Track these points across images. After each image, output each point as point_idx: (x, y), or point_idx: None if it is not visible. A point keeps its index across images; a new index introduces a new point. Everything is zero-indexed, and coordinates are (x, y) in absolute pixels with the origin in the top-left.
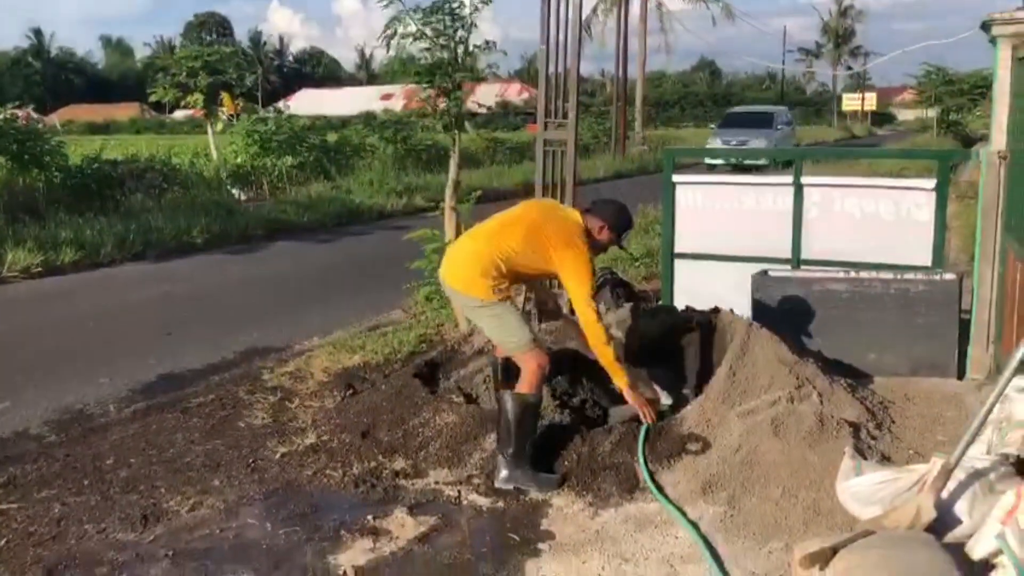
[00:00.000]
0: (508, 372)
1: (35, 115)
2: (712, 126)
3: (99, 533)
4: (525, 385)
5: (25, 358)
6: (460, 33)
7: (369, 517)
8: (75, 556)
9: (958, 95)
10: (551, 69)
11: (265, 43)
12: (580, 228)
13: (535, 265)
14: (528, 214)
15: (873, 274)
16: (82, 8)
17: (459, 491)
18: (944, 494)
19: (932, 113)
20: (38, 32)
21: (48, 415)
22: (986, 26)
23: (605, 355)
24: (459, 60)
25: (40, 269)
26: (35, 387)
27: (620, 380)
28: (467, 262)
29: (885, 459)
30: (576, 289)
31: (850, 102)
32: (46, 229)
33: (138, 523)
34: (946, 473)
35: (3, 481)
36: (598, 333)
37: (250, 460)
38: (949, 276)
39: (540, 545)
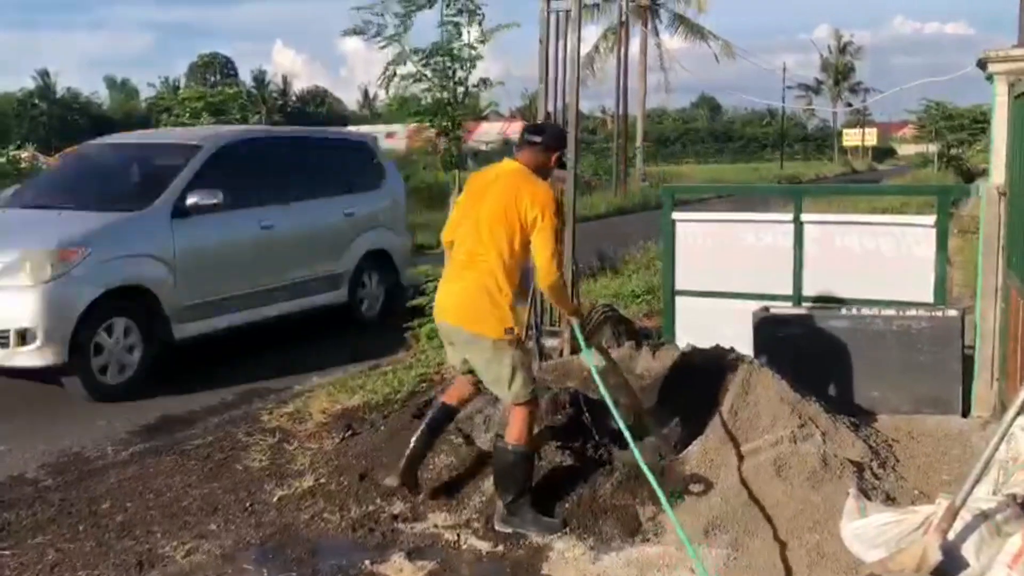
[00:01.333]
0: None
1: (40, 156)
2: None
3: None
4: (517, 435)
5: (23, 400)
6: (459, 73)
7: (367, 562)
8: None
9: (958, 130)
10: (551, 106)
11: (269, 83)
12: (542, 187)
13: (525, 255)
14: (487, 205)
15: (875, 311)
16: (87, 49)
17: (458, 535)
18: (950, 535)
19: (933, 148)
20: (44, 73)
21: (45, 458)
22: (982, 64)
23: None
24: (459, 100)
25: None
26: (32, 430)
27: (567, 308)
28: (473, 294)
29: (890, 499)
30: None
31: (851, 137)
32: None
33: (133, 570)
34: (952, 514)
35: None
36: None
37: (247, 504)
38: (951, 312)
39: None
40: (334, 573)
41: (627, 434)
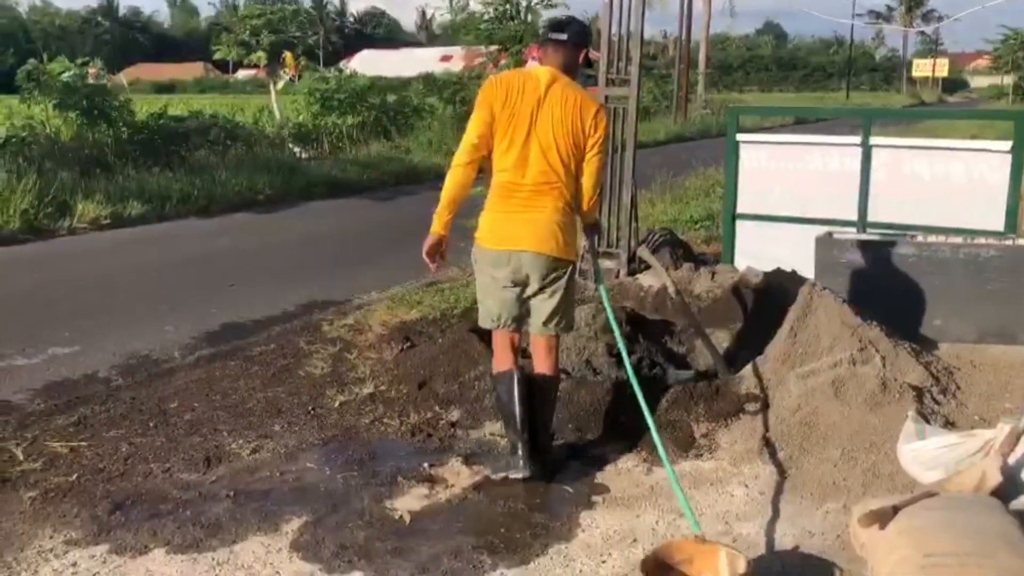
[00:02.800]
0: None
1: (103, 72)
2: None
3: (164, 472)
4: (557, 365)
5: (94, 305)
6: None
7: (425, 465)
8: (141, 493)
9: None
10: (614, 29)
11: (327, 3)
12: (597, 101)
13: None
14: (547, 124)
15: (941, 238)
16: None
17: None
18: (1011, 460)
19: (1008, 80)
20: None
21: (115, 360)
22: None
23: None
24: (521, 16)
25: (108, 221)
26: (103, 333)
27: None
28: (556, 220)
29: (949, 424)
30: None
31: (921, 68)
32: (114, 183)
33: (201, 464)
34: (1014, 438)
35: (74, 420)
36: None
37: (309, 407)
38: (1022, 242)
39: (594, 498)
40: (393, 474)
41: (626, 360)
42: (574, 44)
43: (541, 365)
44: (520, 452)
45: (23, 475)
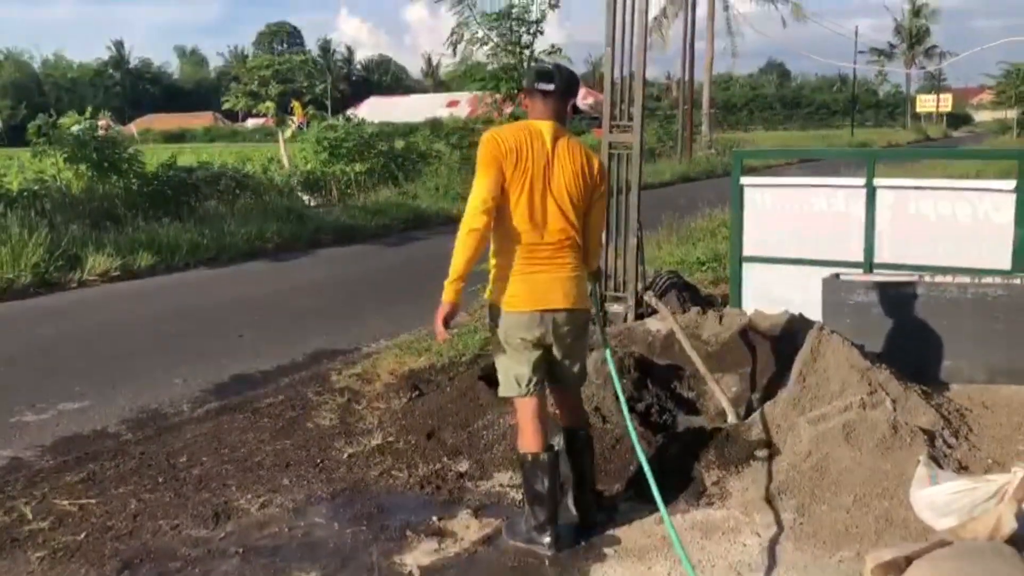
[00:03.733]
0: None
1: (114, 124)
2: None
3: (173, 529)
4: (586, 416)
5: (104, 358)
6: (526, 38)
7: (434, 518)
8: (150, 551)
9: None
10: (616, 72)
11: (334, 51)
12: (597, 154)
13: None
14: (561, 179)
15: (949, 278)
16: (159, 19)
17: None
18: None
19: (1012, 114)
20: (119, 44)
21: (125, 414)
22: None
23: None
24: (525, 65)
25: (118, 273)
26: (113, 386)
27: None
28: (579, 273)
29: (962, 468)
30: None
31: (924, 104)
32: (124, 234)
33: (210, 520)
34: None
35: (83, 477)
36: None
37: (318, 460)
38: None
39: (606, 550)
40: (402, 528)
41: (625, 412)
42: (563, 94)
43: (575, 418)
44: (548, 530)
45: (31, 535)
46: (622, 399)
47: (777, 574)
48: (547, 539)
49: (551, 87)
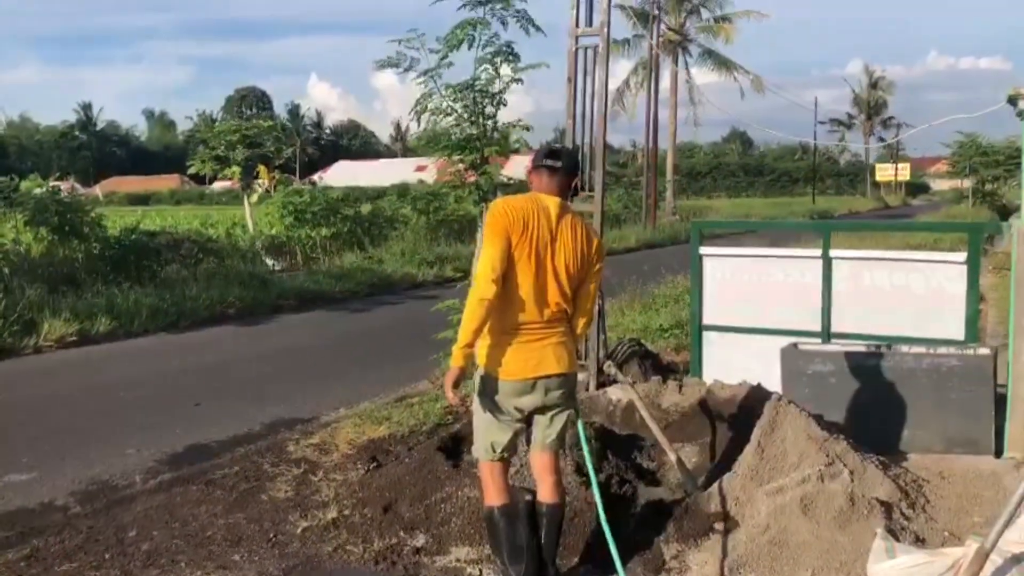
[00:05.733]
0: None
1: (78, 186)
2: None
3: None
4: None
5: (55, 427)
6: (489, 109)
7: None
8: None
9: (993, 165)
10: (580, 141)
11: (303, 116)
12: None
13: None
14: (565, 254)
15: (905, 348)
16: (128, 82)
17: (480, 570)
18: None
19: (967, 183)
20: (87, 107)
21: (74, 486)
22: (1012, 100)
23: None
24: (488, 135)
25: (75, 338)
26: (63, 457)
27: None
28: (569, 340)
29: (919, 540)
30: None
31: (883, 173)
32: (83, 299)
33: None
34: (982, 558)
35: (26, 554)
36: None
37: (271, 535)
38: (984, 351)
39: None
40: None
41: (595, 485)
42: (568, 171)
43: (549, 491)
44: None
45: None
46: (591, 467)
47: None
48: None
49: (558, 164)
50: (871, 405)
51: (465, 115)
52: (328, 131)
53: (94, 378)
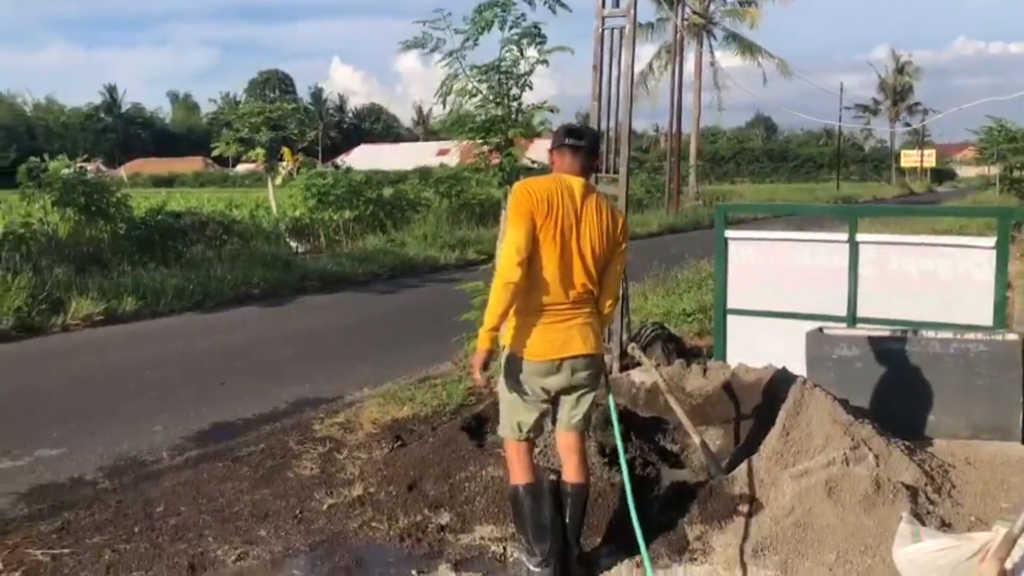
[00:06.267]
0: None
1: (104, 168)
2: None
3: None
4: (587, 469)
5: (83, 404)
6: (514, 91)
7: (414, 572)
8: None
9: (1022, 152)
10: (604, 125)
11: (326, 99)
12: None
13: None
14: (590, 235)
15: (931, 334)
16: (152, 65)
17: (505, 548)
18: (1008, 564)
19: (995, 170)
20: (112, 89)
21: (103, 461)
22: None
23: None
24: (513, 117)
25: (102, 318)
26: (91, 434)
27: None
28: (592, 319)
29: (945, 525)
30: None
31: (909, 159)
32: (109, 279)
33: (185, 572)
34: (1010, 542)
35: (57, 526)
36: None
37: (297, 511)
38: (1011, 336)
39: None
40: None
41: (623, 464)
42: (590, 150)
43: (574, 470)
44: (553, 564)
45: None
46: (621, 451)
47: None
48: (549, 573)
49: (581, 143)
50: (897, 390)
51: (490, 96)
52: (350, 114)
53: (121, 357)
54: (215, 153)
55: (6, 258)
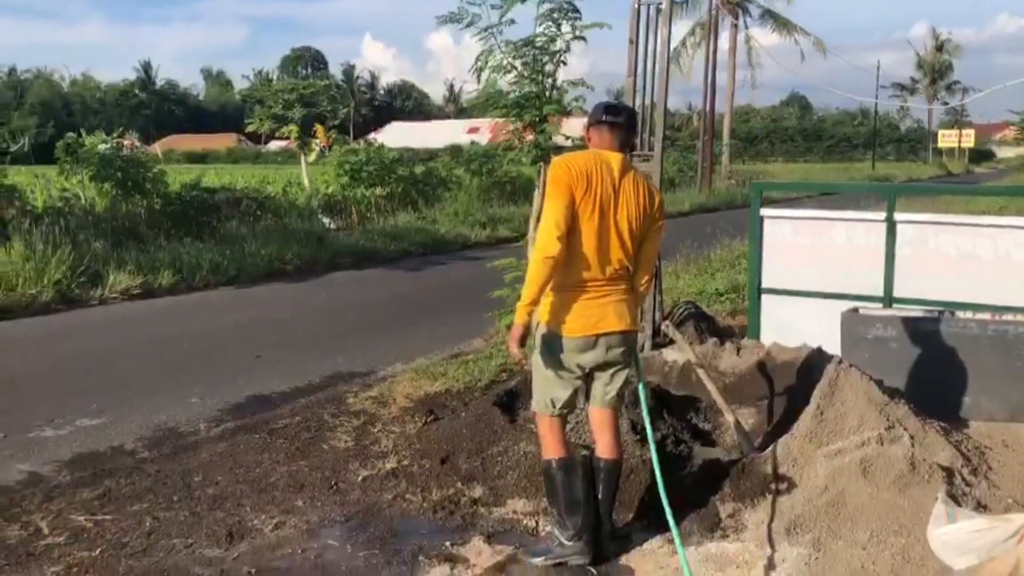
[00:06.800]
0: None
1: (139, 144)
2: None
3: (187, 548)
4: (620, 444)
5: (122, 375)
6: (548, 67)
7: (447, 544)
8: (164, 569)
9: None
10: (637, 102)
11: (358, 77)
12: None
13: None
14: (628, 211)
15: (969, 315)
16: (186, 42)
17: (537, 521)
18: None
19: None
20: (147, 65)
21: (142, 431)
22: None
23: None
24: (547, 94)
25: (139, 291)
26: (130, 404)
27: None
28: (628, 295)
29: (981, 507)
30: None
31: (946, 139)
32: (146, 253)
33: (224, 540)
34: None
35: (99, 493)
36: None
37: (332, 482)
38: None
39: None
40: (415, 553)
41: (651, 440)
42: (628, 127)
43: (607, 446)
44: (585, 538)
45: (47, 549)
46: (649, 429)
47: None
48: (582, 546)
49: (619, 119)
50: (933, 372)
51: (524, 73)
52: (382, 92)
53: (158, 329)
54: (249, 129)
55: (45, 232)
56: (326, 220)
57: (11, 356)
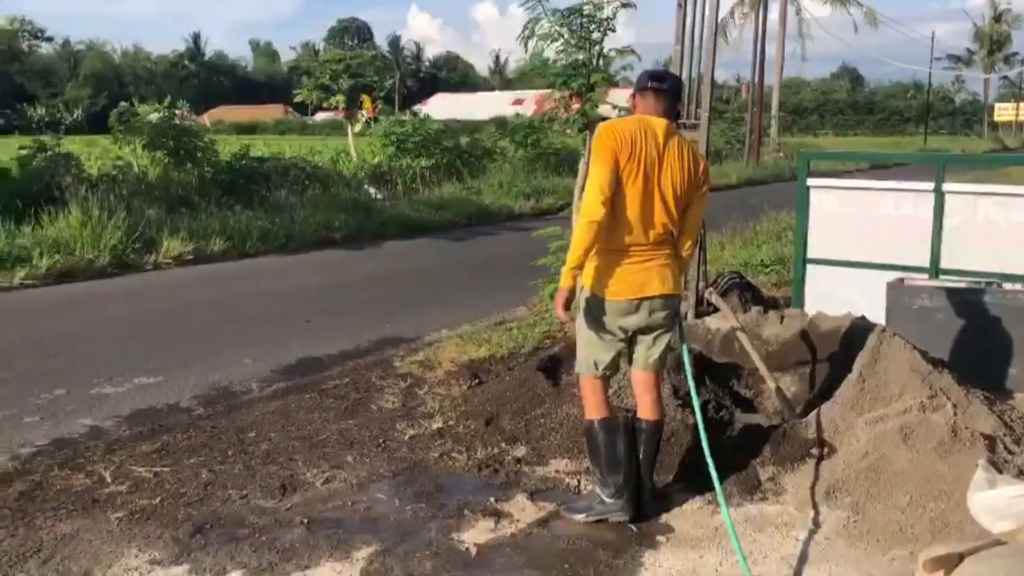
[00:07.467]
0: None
1: (189, 114)
2: None
3: (242, 499)
4: (662, 405)
5: (177, 336)
6: (596, 35)
7: (491, 499)
8: (220, 518)
9: None
10: (684, 73)
11: (403, 48)
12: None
13: None
14: (671, 177)
15: (1017, 286)
16: (235, 14)
17: (579, 480)
18: None
19: None
20: (196, 37)
21: (196, 390)
22: None
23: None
24: (595, 62)
25: (192, 257)
26: (186, 364)
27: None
28: (671, 260)
29: (1022, 474)
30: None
31: (1003, 112)
32: (198, 220)
33: (277, 492)
34: None
35: (157, 447)
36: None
37: (380, 440)
38: None
39: (659, 538)
40: (460, 508)
41: (695, 401)
42: (673, 94)
43: (649, 407)
44: (624, 496)
45: (110, 497)
46: (693, 391)
47: (828, 569)
48: (624, 504)
49: (665, 86)
50: (978, 343)
51: (572, 41)
52: (427, 63)
53: (210, 293)
54: (297, 99)
55: (101, 198)
56: (372, 190)
57: (71, 318)
